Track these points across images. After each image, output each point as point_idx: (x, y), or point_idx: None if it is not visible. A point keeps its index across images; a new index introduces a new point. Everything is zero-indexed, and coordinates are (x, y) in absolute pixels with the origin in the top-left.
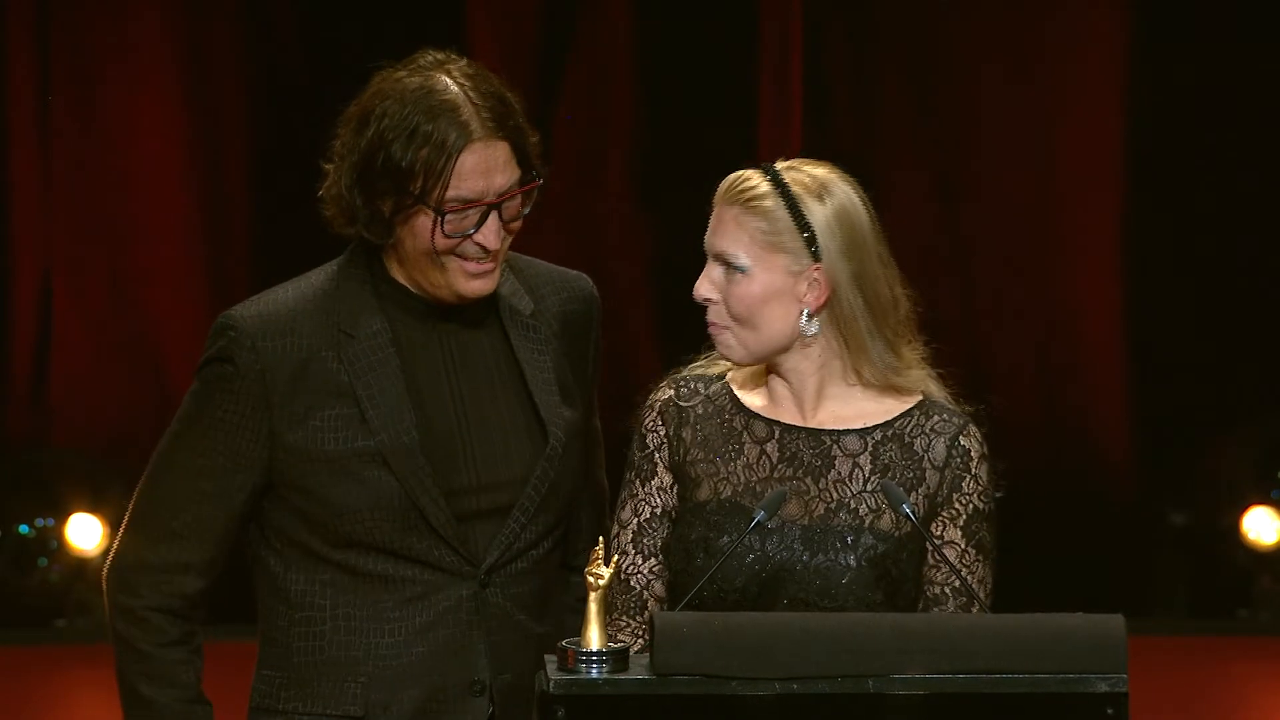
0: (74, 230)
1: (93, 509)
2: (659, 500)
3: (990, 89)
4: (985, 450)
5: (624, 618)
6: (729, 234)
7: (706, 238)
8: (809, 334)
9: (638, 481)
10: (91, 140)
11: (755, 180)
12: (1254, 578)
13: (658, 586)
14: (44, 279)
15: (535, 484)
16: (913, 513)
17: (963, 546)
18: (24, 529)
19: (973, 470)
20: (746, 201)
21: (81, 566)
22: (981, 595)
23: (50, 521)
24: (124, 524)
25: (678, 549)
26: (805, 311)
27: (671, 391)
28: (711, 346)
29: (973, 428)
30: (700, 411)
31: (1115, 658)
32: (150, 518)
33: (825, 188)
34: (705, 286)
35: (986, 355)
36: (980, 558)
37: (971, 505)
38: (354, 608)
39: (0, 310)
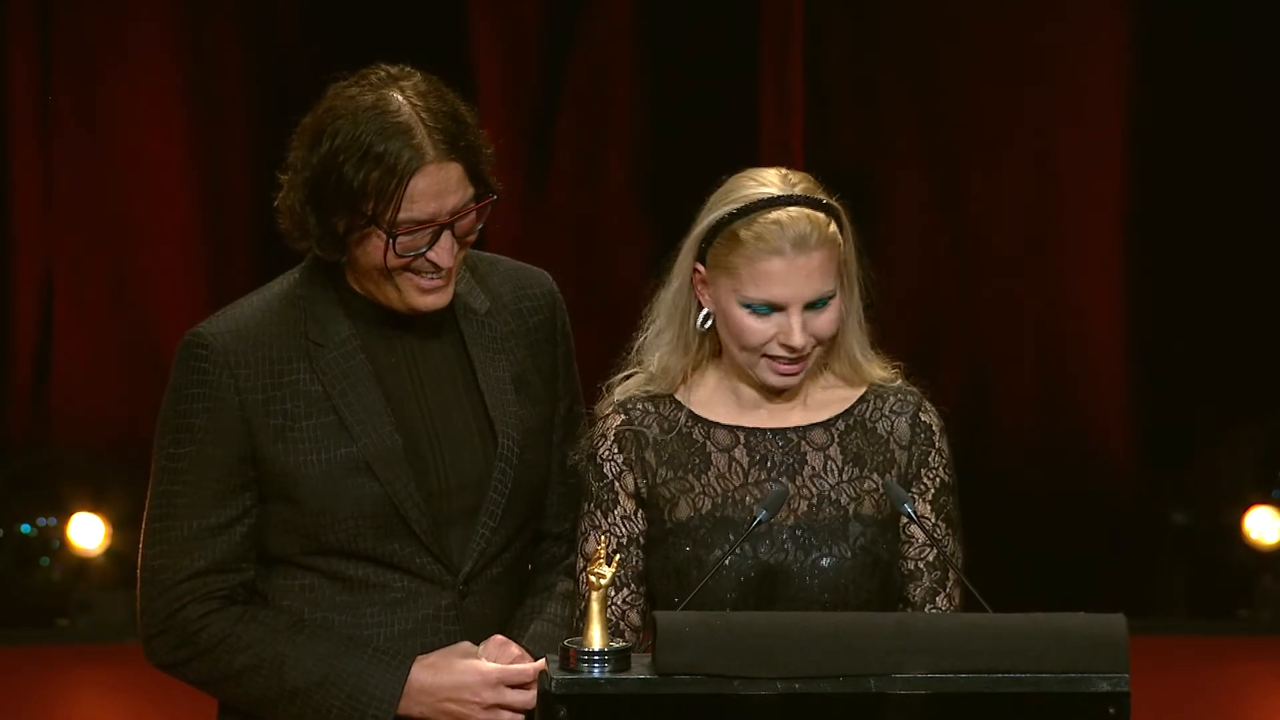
0: (75, 230)
1: (95, 508)
2: (624, 529)
3: (991, 90)
4: (943, 423)
5: None
6: (821, 275)
7: (784, 292)
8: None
9: (599, 513)
10: (92, 140)
11: (817, 216)
12: (1255, 577)
13: (633, 616)
14: (45, 279)
15: (496, 486)
16: (913, 510)
17: (933, 520)
18: (26, 528)
19: (936, 444)
20: (829, 240)
21: (84, 566)
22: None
23: (52, 521)
24: (140, 574)
25: (665, 571)
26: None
27: (622, 416)
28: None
29: (927, 403)
30: (657, 430)
31: (1117, 657)
32: (164, 558)
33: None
34: (803, 336)
35: (987, 355)
36: (950, 531)
37: (938, 479)
38: (333, 611)
39: (2, 310)
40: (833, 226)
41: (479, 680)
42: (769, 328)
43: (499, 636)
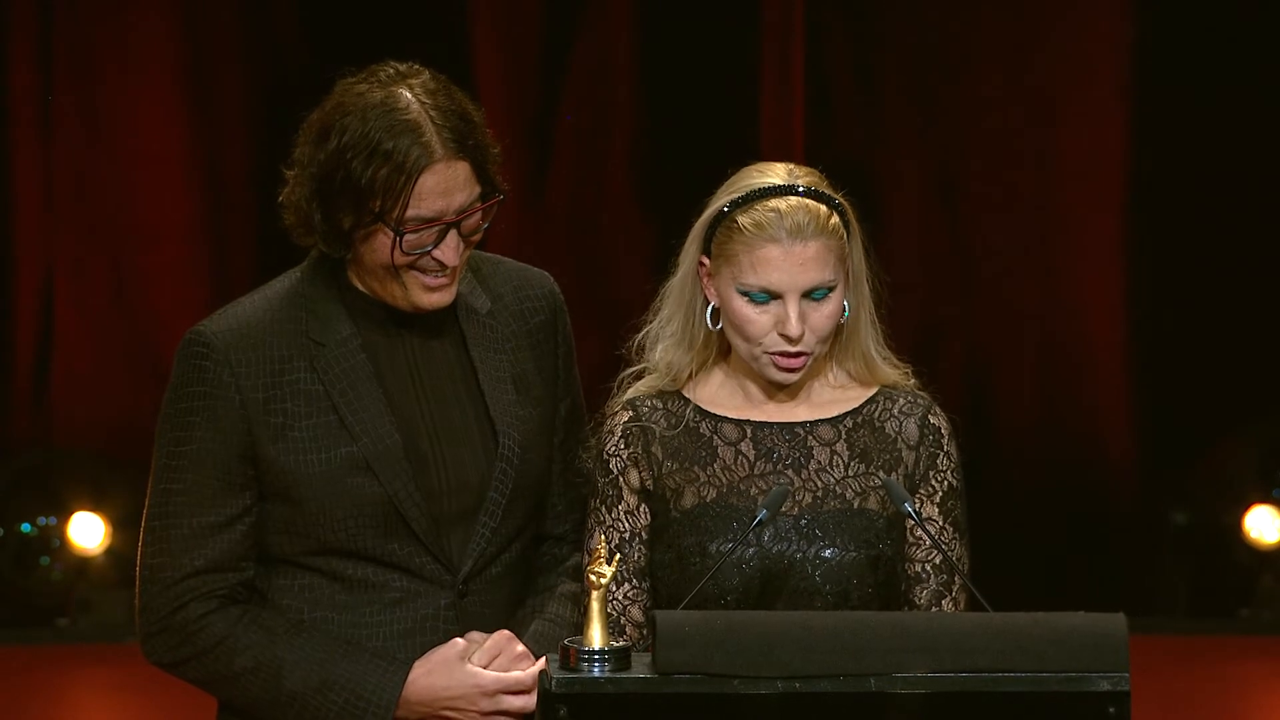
0: (76, 230)
1: (95, 508)
2: (627, 524)
3: (992, 88)
4: (952, 428)
5: None
6: (818, 264)
7: (780, 279)
8: (842, 321)
9: (604, 508)
10: (93, 141)
11: (817, 207)
12: (1256, 577)
13: (634, 611)
14: (46, 279)
15: (496, 486)
16: (914, 510)
17: (940, 524)
18: (26, 528)
19: (945, 447)
20: (829, 231)
21: (84, 565)
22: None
23: (52, 520)
24: (139, 572)
25: (669, 559)
26: (845, 302)
27: (630, 413)
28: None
29: (937, 407)
30: (664, 425)
31: (1117, 656)
32: (163, 556)
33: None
34: (800, 325)
35: (987, 355)
36: (957, 535)
37: (946, 482)
38: (332, 611)
39: (3, 310)
40: (835, 219)
41: (476, 690)
42: (767, 319)
43: (505, 631)
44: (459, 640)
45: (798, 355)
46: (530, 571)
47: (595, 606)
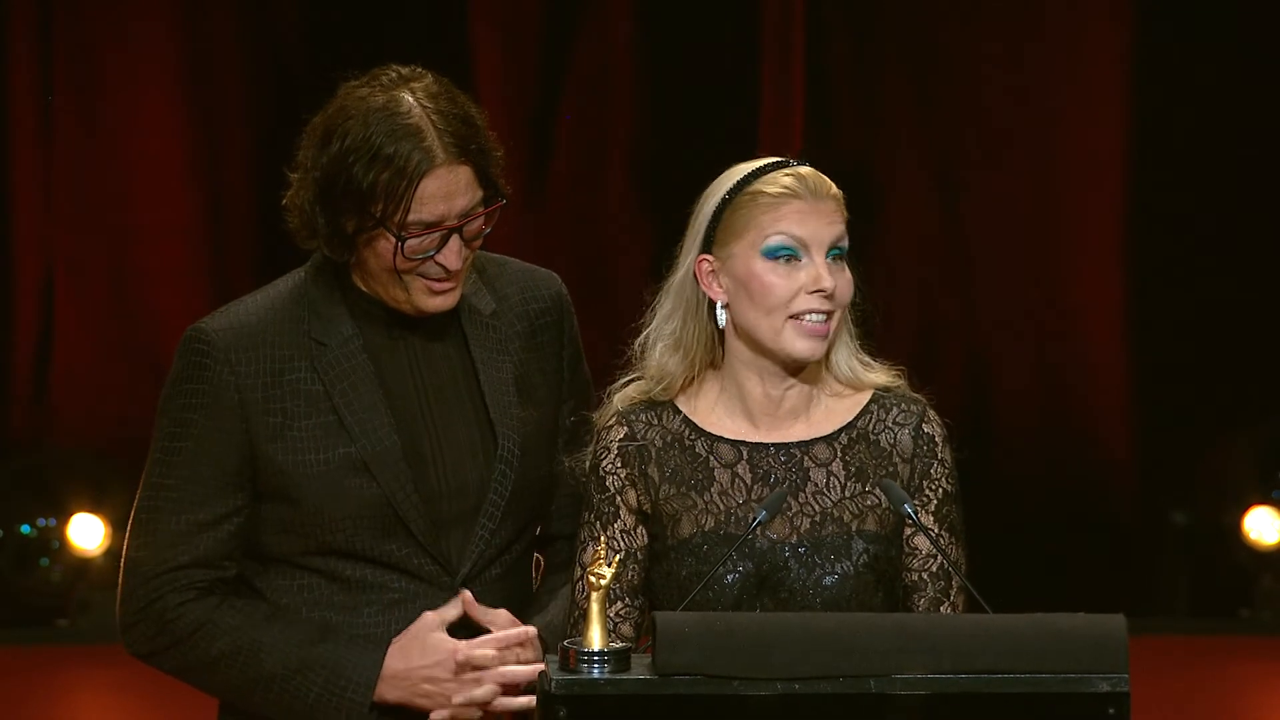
0: (76, 230)
1: (94, 509)
2: (622, 543)
3: (991, 88)
4: (946, 432)
5: None
6: (839, 218)
7: (806, 230)
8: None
9: (598, 524)
10: (93, 140)
11: (828, 179)
12: (1255, 577)
13: (625, 629)
14: (46, 278)
15: (496, 488)
16: (913, 510)
17: (936, 531)
18: (26, 529)
19: (939, 455)
20: (839, 198)
21: (83, 566)
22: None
23: (52, 521)
24: (122, 568)
25: (668, 586)
26: None
27: (625, 429)
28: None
29: (931, 412)
30: (660, 444)
31: (1117, 657)
32: (147, 549)
33: None
34: (832, 279)
35: (987, 355)
36: (953, 540)
37: (941, 489)
38: (331, 611)
39: (2, 309)
40: (840, 193)
41: (448, 655)
42: (794, 281)
43: (506, 612)
44: (429, 614)
45: (825, 319)
46: (529, 573)
47: (595, 608)
